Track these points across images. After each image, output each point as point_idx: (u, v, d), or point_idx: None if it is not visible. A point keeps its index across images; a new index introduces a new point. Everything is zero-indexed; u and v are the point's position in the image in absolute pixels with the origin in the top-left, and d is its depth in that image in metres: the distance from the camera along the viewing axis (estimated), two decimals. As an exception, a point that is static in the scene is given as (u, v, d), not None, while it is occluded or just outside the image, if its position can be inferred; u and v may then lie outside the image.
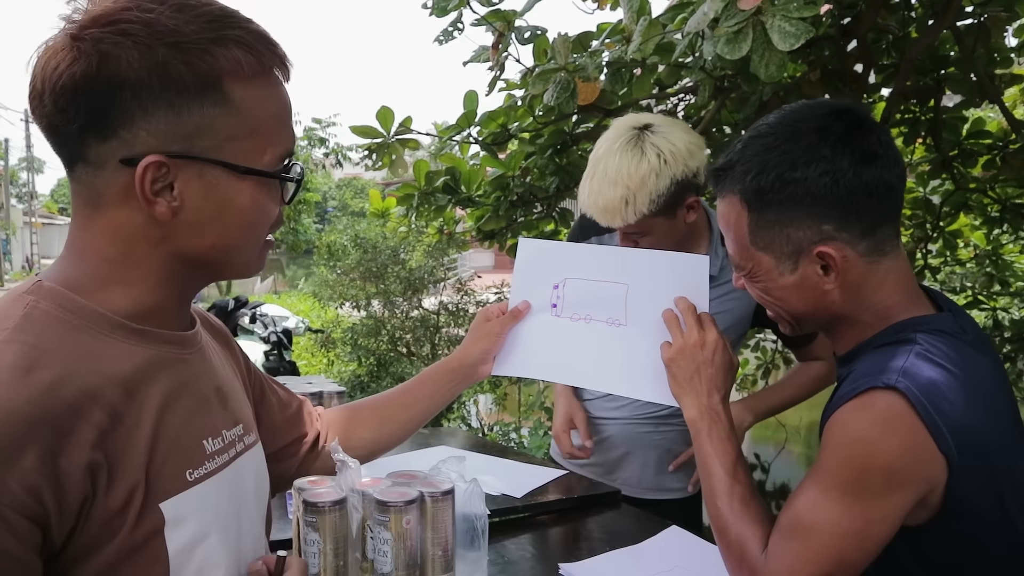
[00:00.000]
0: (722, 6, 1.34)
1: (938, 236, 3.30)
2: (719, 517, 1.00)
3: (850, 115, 0.93)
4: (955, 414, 0.85)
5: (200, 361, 0.81)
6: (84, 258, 0.72)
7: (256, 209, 0.75)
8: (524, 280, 1.27)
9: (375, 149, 2.34)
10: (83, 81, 0.66)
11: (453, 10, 2.01)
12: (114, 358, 0.69)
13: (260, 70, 0.72)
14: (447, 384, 1.21)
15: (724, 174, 0.98)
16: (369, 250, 5.56)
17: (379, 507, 1.00)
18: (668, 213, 1.44)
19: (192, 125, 0.69)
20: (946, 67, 2.54)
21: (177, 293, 0.77)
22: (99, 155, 0.69)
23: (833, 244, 0.92)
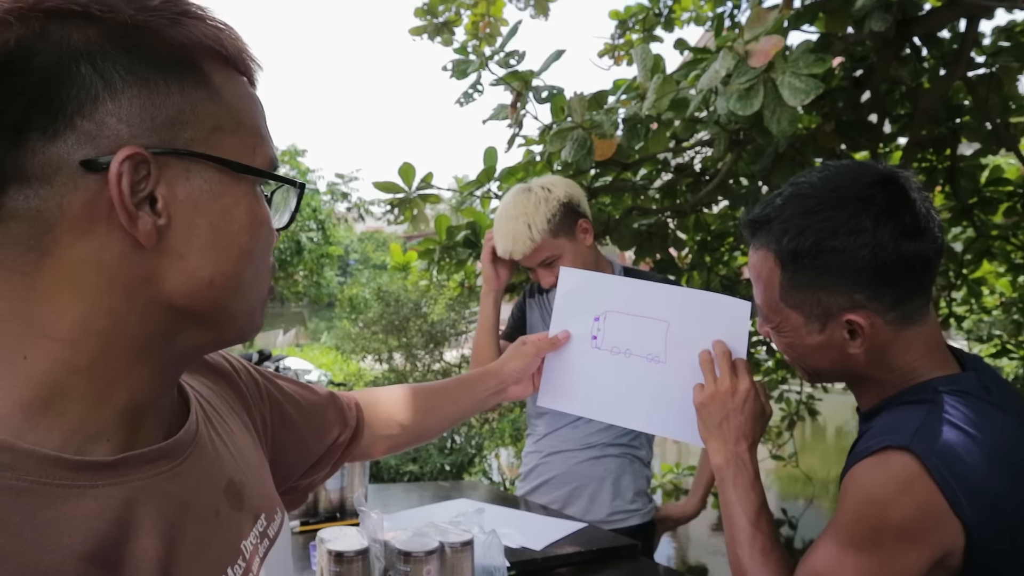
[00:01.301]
0: (733, 64, 1.38)
1: (962, 284, 3.27)
2: (739, 565, 1.01)
3: (895, 185, 0.92)
4: (973, 478, 0.84)
5: (199, 462, 0.60)
6: (25, 351, 0.50)
7: (256, 228, 0.57)
8: (565, 310, 1.28)
9: (397, 204, 2.39)
10: (20, 53, 0.47)
11: (472, 72, 2.08)
12: (81, 521, 0.48)
13: (236, 56, 0.57)
14: (483, 390, 1.18)
15: (760, 227, 0.98)
16: (391, 303, 5.61)
17: (401, 557, 1.01)
18: (568, 234, 1.73)
19: (172, 109, 0.52)
20: (961, 116, 2.56)
21: (162, 375, 0.57)
22: (47, 162, 0.49)
23: (862, 312, 0.92)
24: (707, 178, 2.68)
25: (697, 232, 2.94)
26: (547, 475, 1.88)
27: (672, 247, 2.78)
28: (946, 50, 2.37)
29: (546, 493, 1.87)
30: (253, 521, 0.66)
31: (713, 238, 2.98)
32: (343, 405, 1.00)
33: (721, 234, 3.00)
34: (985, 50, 2.41)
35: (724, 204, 2.91)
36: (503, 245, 1.74)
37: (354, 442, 1.00)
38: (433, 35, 3.08)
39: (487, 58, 2.13)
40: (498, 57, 2.14)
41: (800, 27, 2.18)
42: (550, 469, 1.88)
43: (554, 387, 1.26)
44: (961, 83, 2.40)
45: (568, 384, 1.25)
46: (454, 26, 3.17)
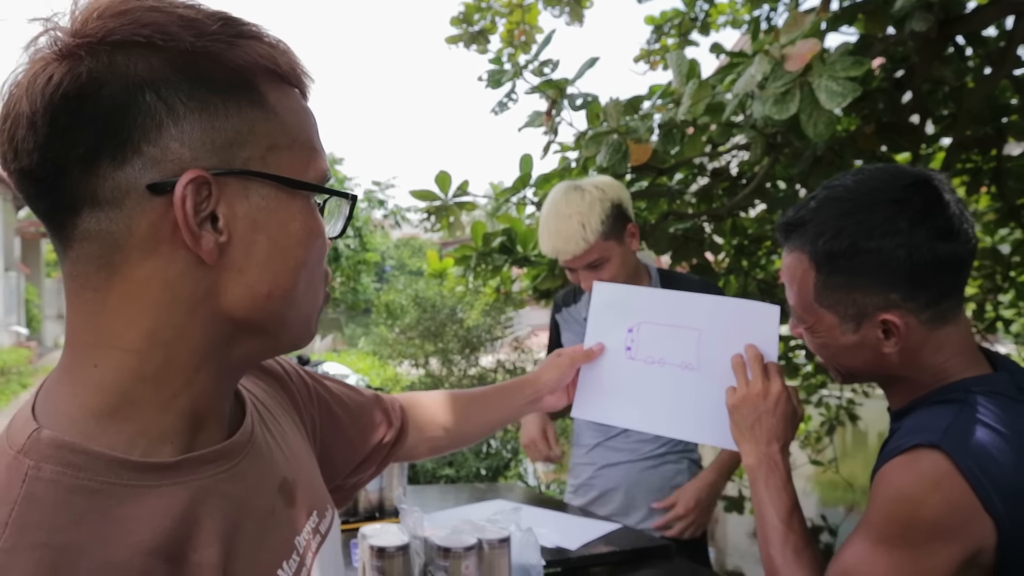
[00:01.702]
0: (769, 68, 1.38)
1: (1009, 286, 3.18)
2: (771, 564, 1.02)
3: (930, 188, 0.94)
4: (1004, 475, 0.84)
5: (255, 462, 0.63)
6: (96, 360, 0.54)
7: (311, 241, 0.60)
8: (599, 323, 1.30)
9: (434, 212, 2.42)
10: (92, 84, 0.50)
11: (507, 81, 2.10)
12: (148, 519, 0.52)
13: (290, 72, 0.59)
14: (520, 399, 1.20)
15: (794, 230, 1.00)
16: (428, 309, 5.66)
17: (440, 553, 1.04)
18: (617, 237, 1.70)
19: (230, 131, 0.55)
20: (1007, 115, 2.50)
21: (222, 382, 0.60)
22: (116, 186, 0.52)
23: (897, 312, 0.93)
24: (744, 182, 2.66)
25: (734, 236, 2.91)
26: (604, 487, 1.86)
27: (708, 251, 2.76)
28: (992, 48, 2.32)
29: (604, 505, 1.86)
30: (306, 517, 0.68)
31: (750, 242, 2.95)
32: (388, 406, 1.02)
33: (758, 238, 2.97)
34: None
35: (761, 208, 2.88)
36: (551, 243, 1.69)
37: (399, 443, 1.02)
38: (469, 43, 3.12)
39: (521, 67, 2.15)
40: (532, 66, 2.16)
41: (838, 29, 2.16)
42: (607, 481, 1.86)
43: (589, 398, 1.28)
44: (1007, 82, 2.35)
45: (603, 395, 1.27)
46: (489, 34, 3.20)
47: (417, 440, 1.07)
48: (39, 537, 0.47)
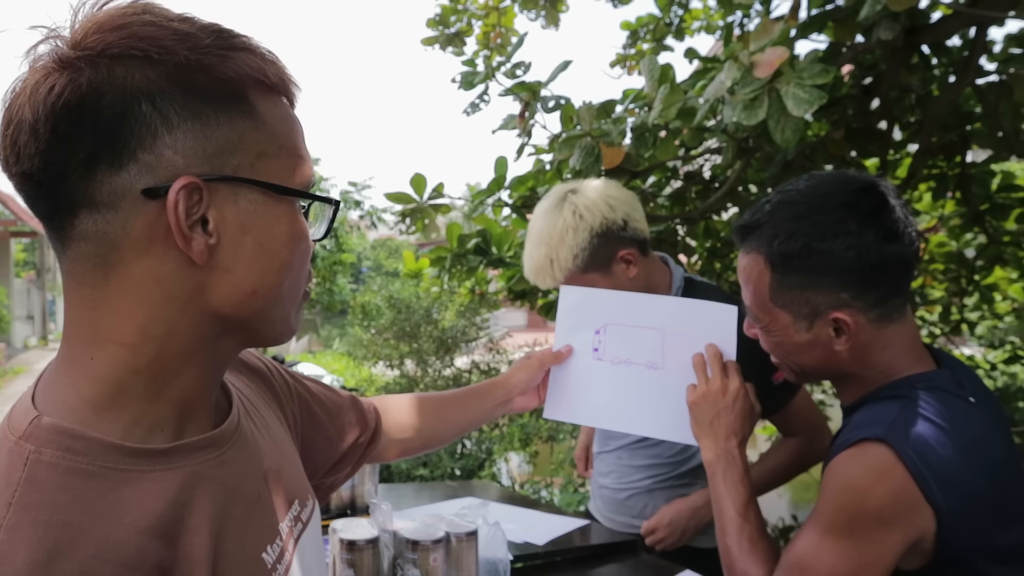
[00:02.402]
0: (739, 74, 1.40)
1: (974, 290, 3.26)
2: (728, 554, 1.06)
3: (877, 193, 0.98)
4: (943, 467, 0.89)
5: (243, 450, 0.67)
6: (93, 352, 0.58)
7: (295, 243, 0.63)
8: (567, 326, 1.33)
9: (409, 214, 2.42)
10: (91, 95, 0.54)
11: (480, 83, 2.11)
12: (143, 501, 0.55)
13: (279, 83, 0.63)
14: (490, 400, 1.23)
15: (750, 232, 1.04)
16: (403, 310, 5.66)
17: (409, 546, 1.06)
18: (601, 269, 1.46)
19: (221, 139, 0.58)
20: (971, 122, 2.56)
21: (209, 373, 0.64)
22: (113, 190, 0.55)
23: (848, 311, 0.98)
24: (716, 185, 2.69)
25: (707, 239, 2.95)
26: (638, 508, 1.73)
27: (682, 254, 2.80)
28: (956, 57, 2.37)
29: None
30: (288, 505, 0.72)
31: (723, 245, 2.99)
32: (363, 407, 1.05)
33: (731, 241, 3.00)
34: (996, 57, 2.41)
35: (734, 211, 2.92)
36: (527, 270, 1.52)
37: (372, 443, 1.05)
38: (445, 45, 3.12)
39: (494, 69, 2.16)
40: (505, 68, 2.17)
41: (808, 36, 2.20)
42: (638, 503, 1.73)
43: (559, 399, 1.31)
44: (971, 90, 2.41)
45: (572, 395, 1.30)
46: (465, 36, 3.21)
47: (389, 442, 1.09)
48: (41, 515, 0.50)
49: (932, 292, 3.48)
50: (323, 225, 0.69)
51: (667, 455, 1.68)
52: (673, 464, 1.69)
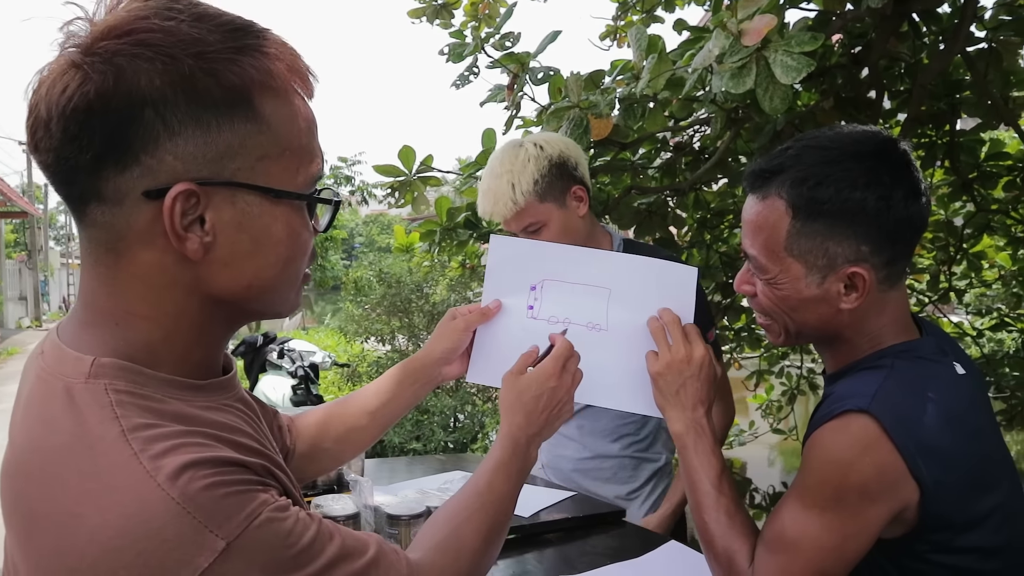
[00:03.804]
0: (727, 43, 1.39)
1: (962, 258, 3.28)
2: (706, 530, 1.03)
3: (902, 150, 0.96)
4: (928, 438, 0.89)
5: (244, 401, 0.75)
6: (116, 319, 0.64)
7: (293, 239, 0.67)
8: (498, 280, 1.19)
9: (398, 187, 2.41)
10: (99, 101, 0.57)
11: (468, 55, 2.08)
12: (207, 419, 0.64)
13: (288, 82, 0.65)
14: (410, 385, 1.12)
15: (772, 177, 0.97)
16: (393, 285, 5.65)
17: (389, 521, 1.06)
18: (557, 200, 1.56)
19: (222, 145, 0.61)
20: (960, 91, 2.56)
21: (217, 340, 0.70)
22: (117, 188, 0.60)
23: (863, 266, 0.95)
24: (706, 156, 2.69)
25: (696, 210, 2.95)
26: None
27: (672, 225, 2.79)
28: (945, 25, 2.36)
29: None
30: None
31: (712, 216, 2.99)
32: (283, 423, 1.02)
33: (720, 212, 3.01)
34: (985, 25, 2.39)
35: (723, 182, 2.92)
36: (483, 205, 1.58)
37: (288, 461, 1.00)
38: (432, 18, 3.07)
39: (483, 41, 2.13)
40: (494, 40, 2.15)
41: (798, 5, 2.18)
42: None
43: (486, 361, 1.17)
44: (960, 58, 2.40)
45: (501, 357, 1.13)
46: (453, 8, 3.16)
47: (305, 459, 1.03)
48: (147, 420, 0.58)
49: (920, 260, 3.50)
50: (326, 218, 0.72)
51: (630, 415, 1.69)
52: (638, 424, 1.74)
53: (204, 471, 0.57)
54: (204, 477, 0.56)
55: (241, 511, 0.57)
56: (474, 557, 0.82)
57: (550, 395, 0.96)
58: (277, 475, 0.66)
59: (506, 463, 0.91)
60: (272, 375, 5.19)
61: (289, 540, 0.60)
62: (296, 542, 0.60)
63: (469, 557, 0.81)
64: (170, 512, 0.54)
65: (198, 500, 0.55)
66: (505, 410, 0.97)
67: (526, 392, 0.96)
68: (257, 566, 0.57)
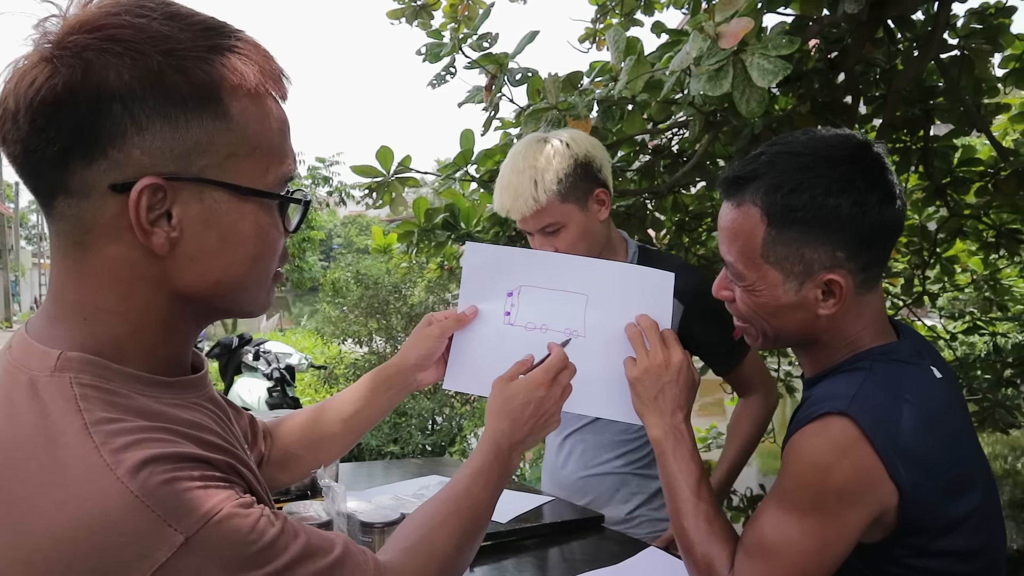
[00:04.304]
0: (705, 45, 1.39)
1: (935, 262, 3.32)
2: (685, 536, 1.02)
3: (876, 153, 0.95)
4: (906, 441, 0.89)
5: (214, 401, 0.75)
6: (84, 314, 0.64)
7: (261, 237, 0.67)
8: (474, 287, 1.19)
9: (375, 188, 2.39)
10: (66, 94, 0.58)
11: (446, 56, 2.07)
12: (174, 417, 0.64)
13: (259, 83, 0.65)
14: (384, 392, 1.11)
15: (745, 184, 0.97)
16: (371, 286, 5.61)
17: (363, 528, 1.04)
18: (579, 202, 1.49)
19: (190, 141, 0.61)
20: (934, 97, 2.59)
21: (185, 337, 0.70)
22: (84, 181, 0.60)
23: (840, 272, 0.94)
24: (684, 160, 2.69)
25: (675, 213, 2.96)
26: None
27: (650, 228, 2.80)
28: (919, 32, 2.39)
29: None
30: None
31: (691, 219, 3.00)
32: (259, 428, 1.02)
33: (699, 215, 3.02)
34: (958, 32, 2.43)
35: (701, 185, 2.93)
36: (500, 199, 1.51)
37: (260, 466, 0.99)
38: (411, 18, 3.05)
39: (460, 41, 2.12)
40: (471, 40, 2.13)
41: (775, 9, 2.19)
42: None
43: (462, 367, 1.16)
44: (934, 65, 2.43)
45: (478, 364, 1.14)
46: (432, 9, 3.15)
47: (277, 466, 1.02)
48: (111, 414, 0.58)
49: (895, 264, 3.54)
50: (296, 218, 0.72)
51: (633, 430, 1.66)
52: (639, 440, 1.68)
53: (165, 466, 0.57)
54: (165, 472, 0.56)
55: (201, 506, 0.57)
56: (445, 563, 0.81)
57: (537, 404, 0.96)
58: (243, 472, 0.66)
59: (486, 469, 0.91)
60: (248, 377, 5.13)
61: (250, 537, 0.60)
62: (258, 539, 0.60)
63: (440, 562, 0.80)
64: (128, 506, 0.54)
65: (157, 494, 0.55)
66: (491, 415, 0.96)
67: (514, 399, 0.96)
68: (216, 562, 0.57)
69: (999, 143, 2.67)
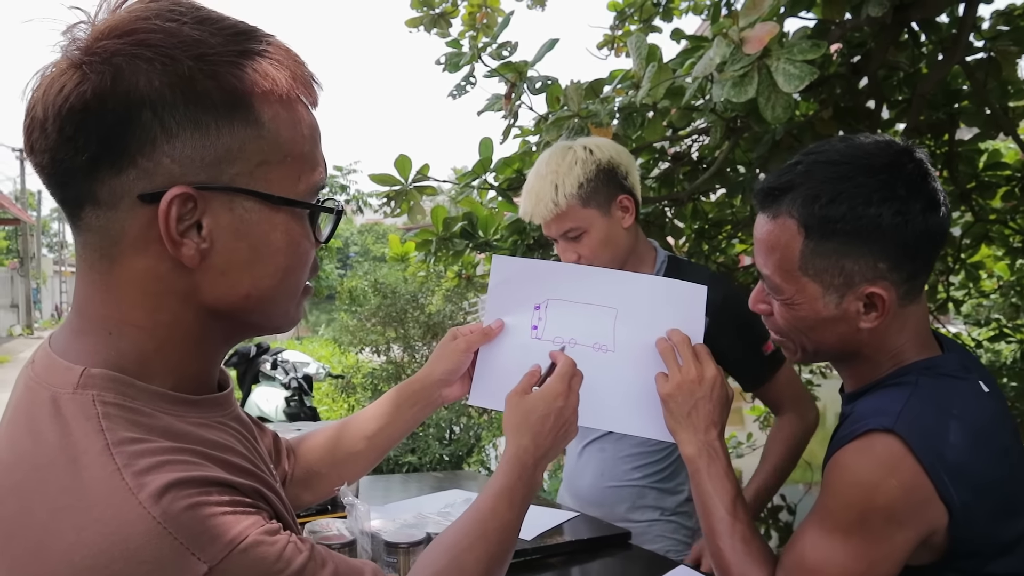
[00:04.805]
0: (728, 51, 1.37)
1: (960, 268, 3.26)
2: (721, 558, 0.99)
3: (917, 159, 0.92)
4: (955, 458, 0.85)
5: (239, 420, 0.73)
6: (109, 328, 0.62)
7: (292, 248, 0.65)
8: (501, 301, 1.16)
9: (393, 196, 2.39)
10: (95, 101, 0.56)
11: (465, 65, 2.06)
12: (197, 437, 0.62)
13: (290, 88, 0.63)
14: (409, 408, 1.08)
15: (781, 195, 0.94)
16: (388, 295, 5.61)
17: (388, 548, 1.02)
18: (601, 207, 1.49)
19: (220, 149, 0.59)
20: (959, 101, 2.55)
21: (213, 355, 0.68)
22: (113, 191, 0.58)
23: (882, 284, 0.91)
24: (704, 166, 2.67)
25: (695, 220, 2.93)
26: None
27: (670, 236, 2.78)
28: (944, 35, 2.35)
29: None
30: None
31: (711, 226, 2.97)
32: (282, 446, 0.99)
33: (719, 222, 2.99)
34: (984, 34, 2.39)
35: (721, 192, 2.90)
36: (524, 205, 1.52)
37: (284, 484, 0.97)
38: (430, 27, 3.06)
39: (480, 50, 2.12)
40: (491, 49, 2.13)
41: (797, 14, 2.17)
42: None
43: (488, 382, 1.13)
44: (959, 68, 2.39)
45: (504, 378, 1.10)
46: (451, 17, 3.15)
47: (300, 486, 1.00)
48: (134, 434, 0.56)
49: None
50: (328, 228, 0.70)
51: (652, 442, 1.62)
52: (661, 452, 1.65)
53: (189, 490, 0.54)
54: (189, 496, 0.54)
55: (226, 534, 0.55)
56: None
57: (557, 415, 0.93)
58: (268, 497, 0.63)
59: (510, 488, 0.88)
60: (265, 386, 5.14)
61: (277, 566, 0.57)
62: (284, 568, 0.58)
63: None
64: (150, 532, 0.52)
65: (181, 520, 0.53)
66: (511, 431, 0.93)
67: (532, 412, 0.93)
68: None
69: (1027, 147, 2.62)
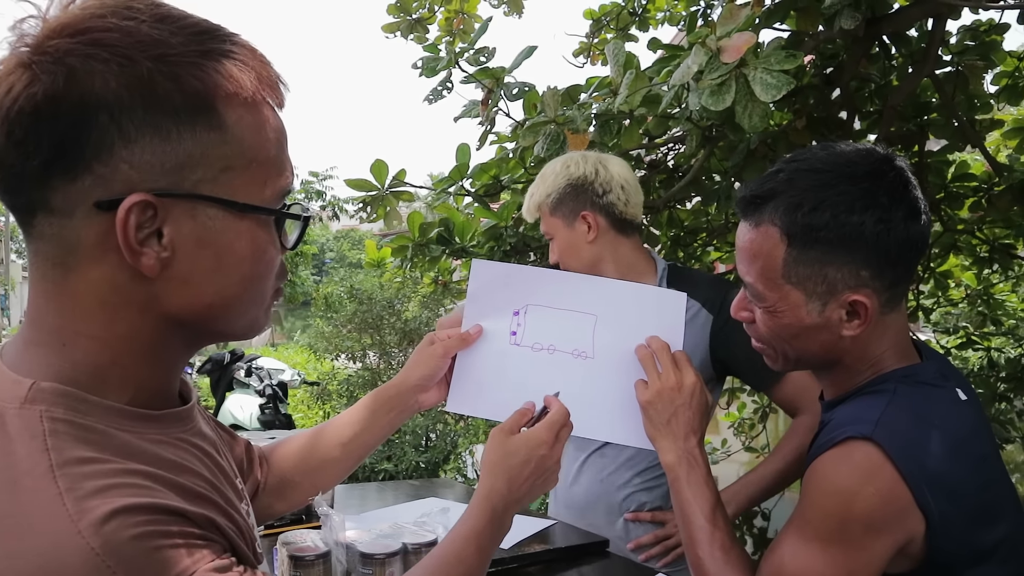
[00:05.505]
0: (706, 59, 1.39)
1: (929, 277, 3.32)
2: (700, 566, 0.99)
3: (899, 168, 0.92)
4: (934, 466, 0.85)
5: (202, 435, 0.70)
6: (63, 340, 0.58)
7: (258, 256, 0.62)
8: (480, 305, 1.15)
9: (369, 202, 2.37)
10: (47, 103, 0.52)
11: (442, 70, 2.06)
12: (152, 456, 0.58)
13: (256, 90, 0.60)
14: (385, 414, 1.05)
15: (763, 203, 0.93)
16: (364, 301, 5.57)
17: (363, 560, 1.00)
18: (565, 218, 1.59)
19: (182, 154, 0.56)
20: (928, 113, 2.60)
21: (173, 365, 0.65)
22: (67, 198, 0.55)
23: (865, 292, 0.91)
24: (680, 175, 2.69)
25: (670, 228, 2.95)
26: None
27: (645, 243, 2.79)
28: (914, 48, 2.40)
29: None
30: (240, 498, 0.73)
31: (686, 234, 2.99)
32: (255, 454, 0.97)
33: (694, 230, 3.01)
34: (952, 49, 2.44)
35: (697, 200, 2.93)
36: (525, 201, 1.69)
37: (257, 493, 0.95)
38: (406, 32, 3.05)
39: (457, 55, 2.11)
40: (468, 54, 2.13)
41: (772, 25, 2.20)
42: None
43: (465, 388, 1.12)
44: (929, 81, 2.44)
45: (482, 384, 1.10)
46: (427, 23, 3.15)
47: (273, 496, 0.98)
48: (83, 453, 0.53)
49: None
50: (295, 235, 0.68)
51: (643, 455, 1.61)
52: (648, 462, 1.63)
53: (136, 518, 0.51)
54: (135, 526, 0.51)
55: (171, 569, 0.51)
56: None
57: (538, 463, 0.91)
58: (222, 527, 0.60)
59: (479, 533, 0.85)
60: (239, 393, 5.08)
61: None
62: None
63: None
64: (87, 564, 0.48)
65: (122, 552, 0.49)
66: (487, 469, 0.91)
67: (514, 455, 0.90)
68: None
69: (993, 158, 2.68)
